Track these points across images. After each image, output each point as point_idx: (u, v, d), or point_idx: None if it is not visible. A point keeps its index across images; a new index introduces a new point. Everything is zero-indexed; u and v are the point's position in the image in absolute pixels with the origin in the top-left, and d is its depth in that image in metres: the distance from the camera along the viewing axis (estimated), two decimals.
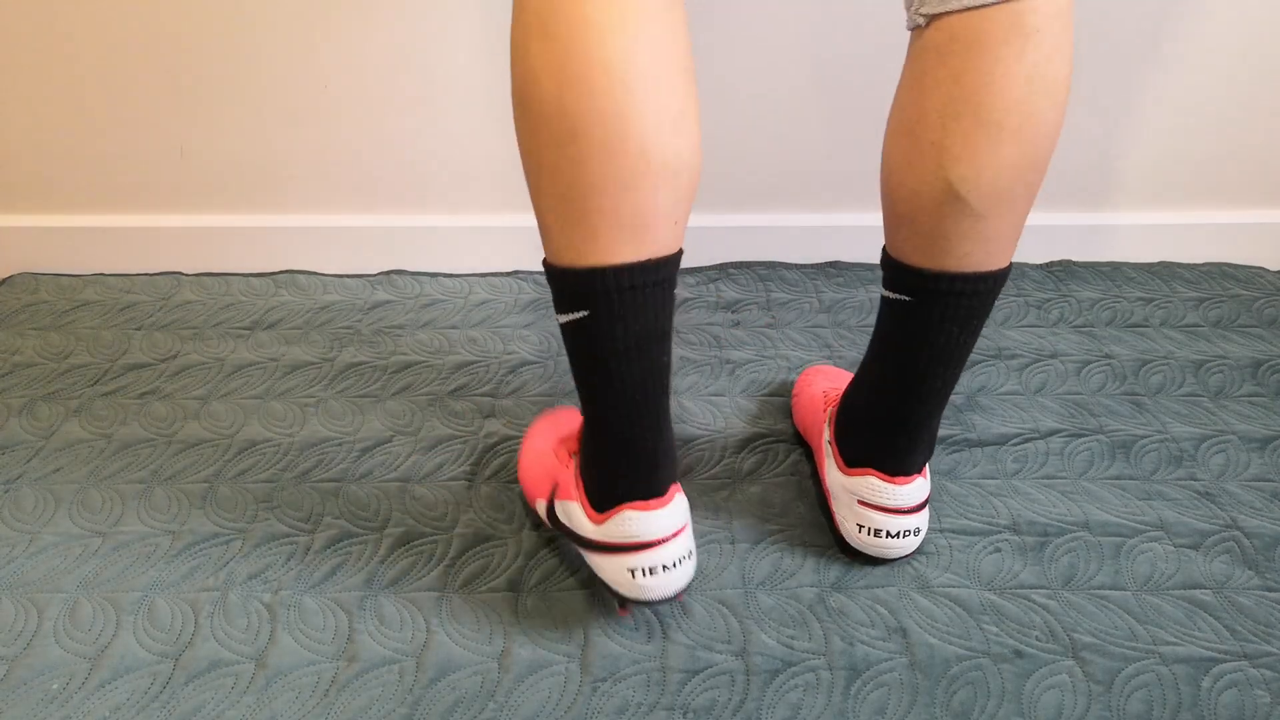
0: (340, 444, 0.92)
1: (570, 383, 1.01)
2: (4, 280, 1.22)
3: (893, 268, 0.66)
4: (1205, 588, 0.75)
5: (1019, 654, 0.70)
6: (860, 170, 1.18)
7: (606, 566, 0.67)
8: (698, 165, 0.57)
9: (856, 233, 1.22)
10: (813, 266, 1.23)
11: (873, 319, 1.12)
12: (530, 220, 1.21)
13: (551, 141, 0.54)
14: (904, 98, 0.62)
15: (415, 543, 0.80)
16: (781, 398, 0.98)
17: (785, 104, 1.13)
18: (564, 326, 0.61)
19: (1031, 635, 0.71)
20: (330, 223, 1.21)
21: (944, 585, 0.76)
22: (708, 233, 1.21)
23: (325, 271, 1.23)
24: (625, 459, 0.64)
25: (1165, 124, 1.15)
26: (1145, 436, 0.92)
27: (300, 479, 0.88)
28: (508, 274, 1.23)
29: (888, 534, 0.74)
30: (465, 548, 0.80)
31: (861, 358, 1.04)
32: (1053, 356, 1.05)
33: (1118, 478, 0.87)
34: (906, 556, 0.78)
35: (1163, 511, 0.83)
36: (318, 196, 1.19)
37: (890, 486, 0.73)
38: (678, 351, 1.06)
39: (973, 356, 1.04)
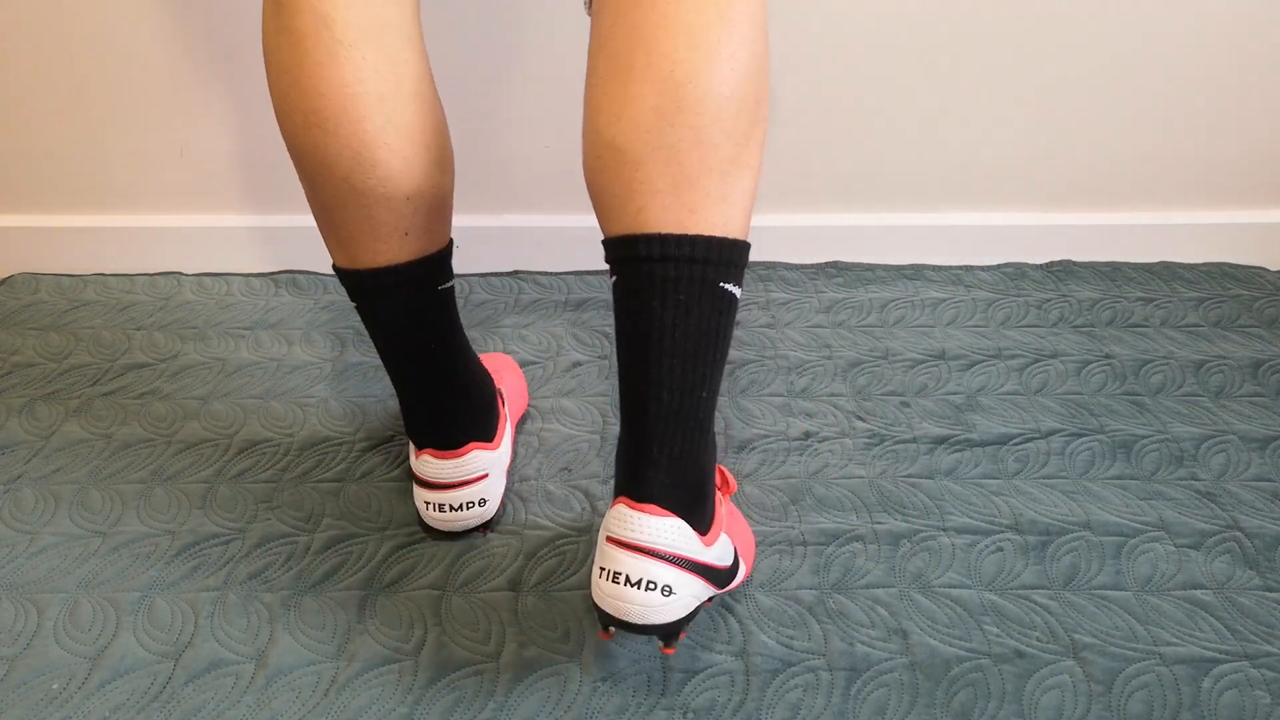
0: (340, 444, 0.92)
1: (578, 383, 1.01)
2: (4, 280, 1.22)
3: (604, 246, 0.62)
4: (1206, 588, 0.75)
5: (1020, 654, 0.70)
6: (860, 170, 1.18)
7: (414, 493, 0.80)
8: (419, 183, 0.66)
9: (856, 233, 1.22)
10: (813, 266, 1.23)
11: (873, 319, 1.12)
12: (530, 221, 1.21)
13: (294, 164, 0.66)
14: None
15: (415, 543, 0.80)
16: (782, 397, 0.98)
17: (784, 104, 1.13)
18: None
19: (1032, 636, 0.71)
20: None
21: (945, 585, 0.76)
22: None
23: (325, 271, 1.23)
24: (416, 415, 0.76)
25: (1165, 124, 1.15)
26: (1146, 436, 0.92)
27: (300, 479, 0.87)
28: (508, 274, 1.23)
29: (619, 578, 0.58)
30: (466, 548, 0.80)
31: (860, 358, 1.04)
32: (1053, 356, 1.04)
33: (1119, 478, 0.87)
34: (663, 632, 0.60)
35: (1164, 511, 0.83)
36: None
37: (632, 513, 0.59)
38: None
39: (973, 356, 1.04)
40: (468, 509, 0.78)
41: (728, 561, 0.66)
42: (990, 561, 0.78)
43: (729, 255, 0.58)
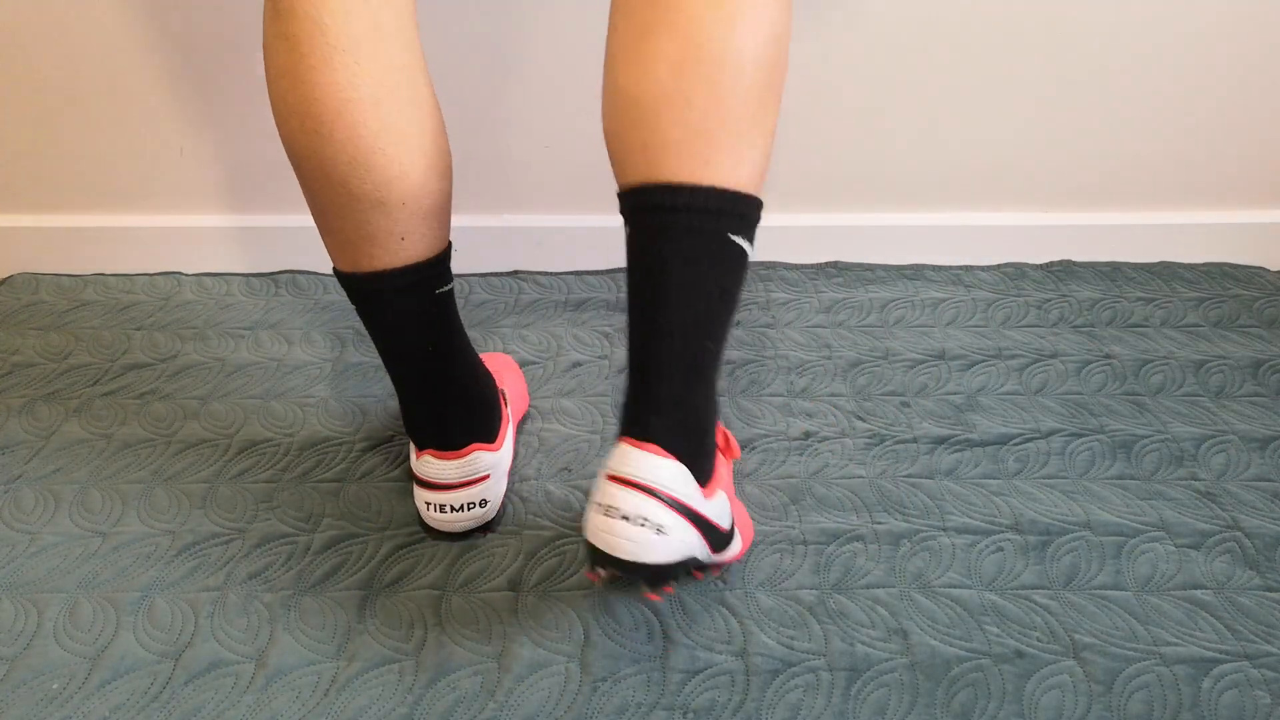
0: (340, 444, 0.92)
1: (578, 383, 1.01)
2: (4, 280, 1.22)
3: (618, 199, 0.63)
4: (1206, 588, 0.75)
5: (1020, 654, 0.70)
6: (860, 170, 1.18)
7: (415, 494, 0.80)
8: (415, 188, 0.65)
9: (856, 233, 1.22)
10: (813, 266, 1.23)
11: (873, 319, 1.12)
12: (529, 221, 1.21)
13: (293, 168, 0.66)
14: None
15: (415, 543, 0.80)
16: (782, 397, 0.98)
17: (784, 104, 1.13)
18: None
19: (1032, 636, 0.71)
20: None
21: (945, 585, 0.76)
22: None
23: (325, 271, 1.23)
24: (417, 416, 0.76)
25: (1165, 124, 1.15)
26: (1146, 436, 0.92)
27: (300, 479, 0.87)
28: (508, 274, 1.23)
29: (614, 513, 0.58)
30: (466, 548, 0.80)
31: (860, 358, 1.04)
32: (1053, 356, 1.04)
33: (1119, 478, 0.87)
34: (650, 574, 0.59)
35: (1164, 511, 0.83)
36: None
37: (633, 451, 0.59)
38: None
39: (973, 356, 1.04)
40: (468, 510, 0.78)
41: (725, 524, 0.66)
42: (990, 561, 0.78)
43: (740, 208, 0.59)
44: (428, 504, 0.78)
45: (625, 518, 0.58)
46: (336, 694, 0.67)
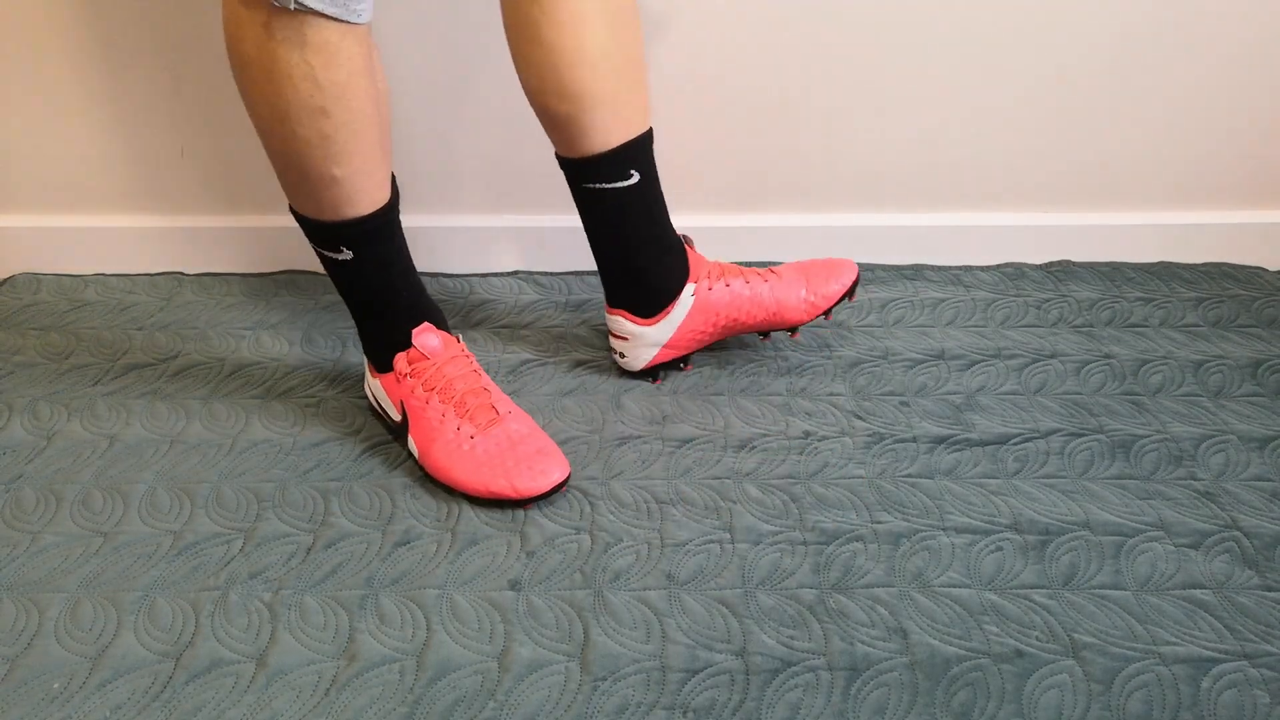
0: (340, 444, 0.92)
1: (579, 382, 1.01)
2: (5, 280, 1.22)
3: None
4: (1205, 587, 0.75)
5: (1019, 654, 0.70)
6: (860, 170, 1.18)
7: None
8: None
9: (856, 232, 1.22)
10: None
11: (872, 319, 1.12)
12: (529, 221, 1.21)
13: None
14: None
15: (415, 542, 0.80)
16: (781, 397, 0.98)
17: (785, 104, 1.13)
18: None
19: (1032, 635, 0.71)
20: None
21: (945, 585, 0.76)
22: (708, 233, 1.21)
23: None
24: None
25: (1165, 124, 1.15)
26: (1145, 436, 0.92)
27: (301, 479, 0.88)
28: (508, 274, 1.23)
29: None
30: (466, 547, 0.80)
31: (860, 358, 1.04)
32: (1052, 356, 1.05)
33: (1118, 477, 0.87)
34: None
35: (1163, 511, 0.83)
36: None
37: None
38: None
39: (972, 356, 1.04)
40: (620, 357, 1.00)
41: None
42: (990, 561, 0.78)
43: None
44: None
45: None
46: (336, 694, 0.67)
